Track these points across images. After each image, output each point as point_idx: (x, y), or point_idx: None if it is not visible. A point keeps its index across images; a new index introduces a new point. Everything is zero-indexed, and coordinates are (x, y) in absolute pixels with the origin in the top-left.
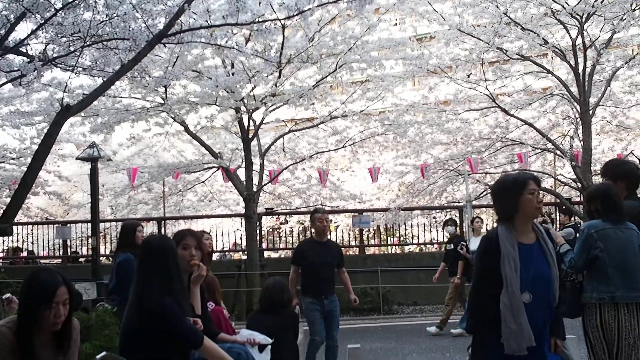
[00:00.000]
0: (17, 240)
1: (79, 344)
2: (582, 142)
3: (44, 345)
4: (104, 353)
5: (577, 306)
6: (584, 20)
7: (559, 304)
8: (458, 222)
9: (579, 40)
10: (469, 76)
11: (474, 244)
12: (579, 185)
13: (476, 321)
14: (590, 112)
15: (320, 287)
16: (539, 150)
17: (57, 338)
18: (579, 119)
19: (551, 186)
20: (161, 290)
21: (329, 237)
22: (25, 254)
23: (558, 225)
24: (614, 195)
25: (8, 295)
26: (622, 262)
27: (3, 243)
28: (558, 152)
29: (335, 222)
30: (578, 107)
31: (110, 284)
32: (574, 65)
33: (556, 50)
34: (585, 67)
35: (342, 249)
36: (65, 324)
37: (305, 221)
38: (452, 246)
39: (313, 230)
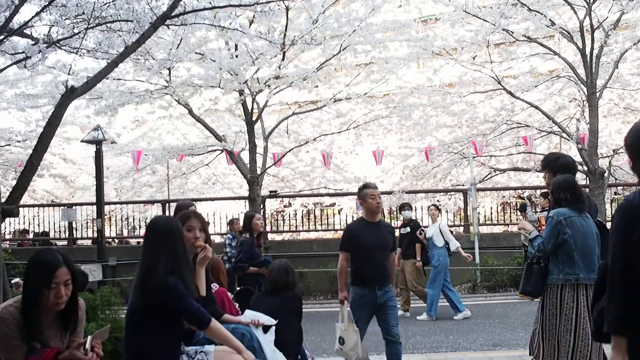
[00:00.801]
0: (24, 223)
1: (84, 323)
2: (588, 125)
3: (50, 324)
4: (89, 337)
5: (541, 287)
6: (591, 0)
7: (524, 285)
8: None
9: (586, 22)
10: (474, 58)
11: (431, 230)
12: (586, 168)
13: (630, 312)
14: (598, 94)
15: (374, 276)
16: (545, 133)
17: (63, 317)
18: (585, 102)
19: None
20: (167, 270)
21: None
22: (31, 235)
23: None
24: (579, 187)
25: (17, 279)
26: (585, 247)
27: (10, 225)
28: (564, 135)
29: (338, 205)
30: (585, 90)
31: None
32: (581, 47)
33: (563, 31)
34: (592, 48)
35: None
36: (70, 304)
37: (308, 204)
38: (408, 229)
39: (363, 209)
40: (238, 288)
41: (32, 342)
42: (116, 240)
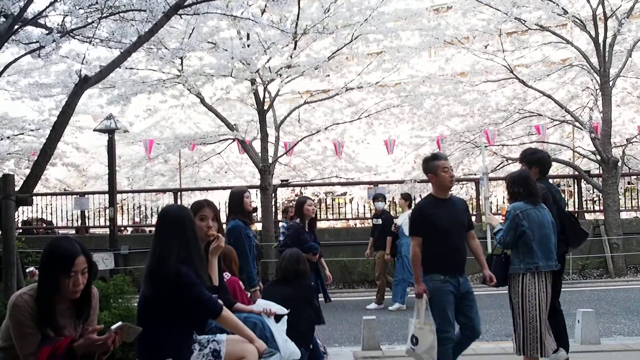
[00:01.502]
0: (37, 211)
1: (97, 311)
2: (601, 114)
3: (64, 312)
4: (120, 323)
5: (504, 277)
6: None
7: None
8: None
9: (599, 10)
10: (486, 47)
11: (400, 219)
12: (598, 157)
13: None
14: (611, 83)
15: (455, 260)
16: (558, 122)
17: (76, 306)
18: (598, 90)
19: (569, 159)
20: (178, 259)
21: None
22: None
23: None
24: (531, 181)
25: (32, 268)
26: (542, 237)
27: (22, 214)
28: (577, 124)
29: (350, 194)
30: (598, 78)
31: None
32: (594, 36)
33: (576, 20)
34: (605, 37)
35: (357, 220)
36: (84, 292)
37: (319, 193)
38: (380, 221)
39: (433, 184)
40: None
41: (46, 330)
42: (129, 229)
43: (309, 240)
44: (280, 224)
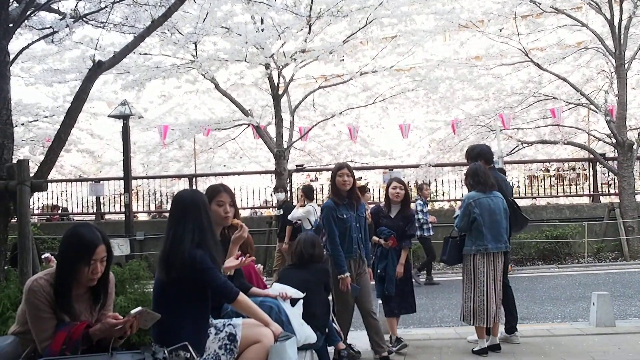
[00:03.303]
0: (52, 198)
1: (113, 296)
2: (617, 97)
3: (80, 297)
4: (139, 308)
5: (456, 257)
6: None
7: (441, 255)
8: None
9: None
10: (501, 30)
11: (296, 213)
12: (614, 140)
13: None
14: (626, 65)
15: None
16: (573, 105)
17: (93, 291)
18: (613, 73)
19: (585, 142)
20: (193, 244)
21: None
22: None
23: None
24: (480, 172)
25: (47, 254)
26: (492, 222)
27: (38, 200)
28: (592, 107)
29: (365, 179)
30: (613, 61)
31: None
32: (609, 18)
33: (591, 2)
34: (621, 19)
35: (372, 205)
36: (102, 279)
37: None
38: (282, 212)
39: None
40: None
41: (62, 315)
42: (148, 214)
43: (388, 226)
44: (417, 202)
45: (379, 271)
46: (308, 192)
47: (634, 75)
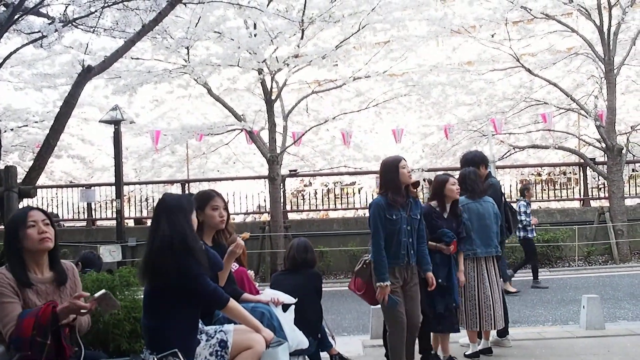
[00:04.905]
0: (42, 204)
1: (80, 285)
2: (606, 102)
3: (42, 278)
4: (103, 291)
5: None
6: None
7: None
8: None
9: None
10: (492, 36)
11: None
12: (603, 145)
13: None
14: (615, 71)
15: None
16: (563, 110)
17: (56, 274)
18: (603, 79)
19: (575, 146)
20: (179, 250)
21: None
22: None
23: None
24: (468, 179)
25: None
26: (481, 227)
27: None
28: (582, 112)
29: (358, 184)
30: (603, 67)
31: None
32: (598, 24)
33: (581, 8)
34: (610, 25)
35: (366, 210)
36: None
37: (328, 183)
38: None
39: None
40: None
41: (29, 298)
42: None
43: (443, 227)
44: (520, 203)
45: (439, 280)
46: None
47: (623, 81)
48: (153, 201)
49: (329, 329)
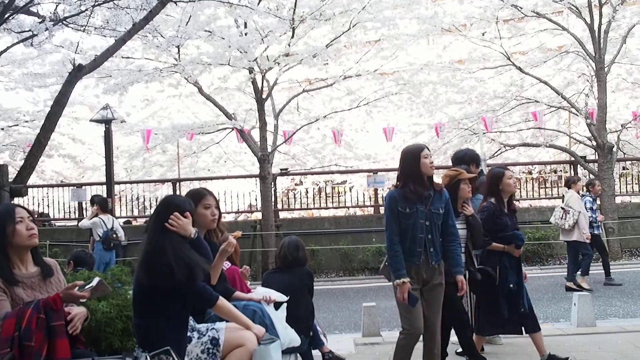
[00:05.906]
0: (33, 204)
1: (63, 279)
2: (597, 100)
3: (28, 273)
4: (97, 279)
5: None
6: None
7: None
8: None
9: None
10: (483, 34)
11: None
12: (594, 143)
13: None
14: (606, 69)
15: None
16: (554, 108)
17: (41, 270)
18: (594, 77)
19: (566, 144)
20: (175, 253)
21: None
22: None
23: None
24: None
25: None
26: None
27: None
28: (573, 110)
29: (349, 182)
30: (593, 65)
31: None
32: (589, 22)
33: (571, 7)
34: (600, 24)
35: (357, 208)
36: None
37: (319, 182)
38: None
39: None
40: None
41: (15, 292)
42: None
43: (509, 225)
44: (586, 199)
45: (511, 285)
46: (102, 204)
47: (614, 79)
48: (144, 200)
49: (321, 327)
